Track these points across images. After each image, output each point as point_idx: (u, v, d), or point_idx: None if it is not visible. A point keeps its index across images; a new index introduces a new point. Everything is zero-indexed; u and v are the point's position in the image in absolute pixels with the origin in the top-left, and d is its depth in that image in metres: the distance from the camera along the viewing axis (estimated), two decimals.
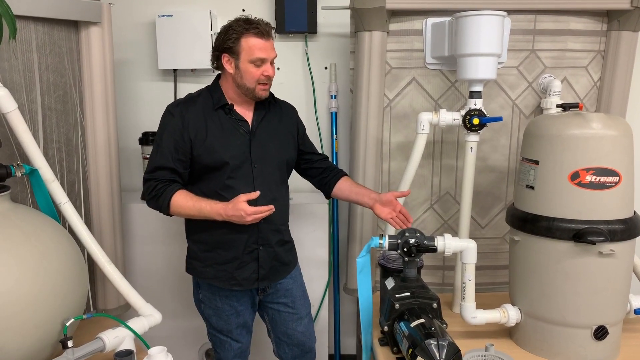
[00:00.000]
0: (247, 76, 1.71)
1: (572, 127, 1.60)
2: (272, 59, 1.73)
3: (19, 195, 1.76)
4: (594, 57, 2.20)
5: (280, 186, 1.85)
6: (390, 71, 2.18)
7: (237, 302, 1.86)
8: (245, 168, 1.75)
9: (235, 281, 1.81)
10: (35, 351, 1.42)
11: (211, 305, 1.88)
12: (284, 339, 1.97)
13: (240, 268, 1.80)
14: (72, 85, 1.97)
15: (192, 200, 1.70)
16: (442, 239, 1.69)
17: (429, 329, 1.51)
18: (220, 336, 1.92)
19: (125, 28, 2.52)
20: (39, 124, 1.82)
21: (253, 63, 1.69)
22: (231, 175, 1.73)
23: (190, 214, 1.71)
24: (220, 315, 1.87)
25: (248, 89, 1.73)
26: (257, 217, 1.64)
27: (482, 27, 1.82)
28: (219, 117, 1.76)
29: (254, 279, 1.82)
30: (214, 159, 1.72)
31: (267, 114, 1.83)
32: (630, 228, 1.60)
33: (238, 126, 1.77)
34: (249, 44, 1.68)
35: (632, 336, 1.82)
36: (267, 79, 1.72)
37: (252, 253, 1.80)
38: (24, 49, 1.75)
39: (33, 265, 1.41)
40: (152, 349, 1.44)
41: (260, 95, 1.75)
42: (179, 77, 2.55)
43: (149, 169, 1.76)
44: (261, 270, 1.82)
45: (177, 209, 1.71)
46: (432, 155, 2.24)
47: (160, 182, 1.72)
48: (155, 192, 1.72)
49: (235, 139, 1.75)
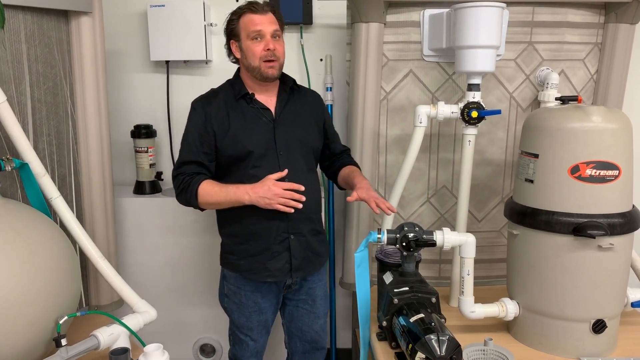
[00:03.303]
0: (249, 54, 1.70)
1: (573, 120, 1.58)
2: (272, 33, 1.69)
3: (9, 189, 1.72)
4: (591, 50, 2.19)
5: (308, 174, 1.81)
6: (387, 63, 2.15)
7: (261, 298, 1.85)
8: (271, 156, 1.74)
9: (268, 272, 1.79)
10: (28, 350, 1.39)
11: (235, 300, 1.86)
12: (297, 334, 1.97)
13: (273, 258, 1.78)
14: (62, 77, 1.92)
15: (219, 186, 1.70)
16: (440, 233, 1.68)
17: (429, 323, 1.50)
18: (240, 334, 1.90)
19: (117, 18, 2.46)
20: (29, 117, 1.78)
21: (252, 39, 1.68)
22: (256, 164, 1.73)
23: (218, 200, 1.70)
24: (243, 312, 1.86)
25: (254, 69, 1.71)
26: (285, 198, 1.62)
27: (481, 19, 1.80)
28: (241, 107, 1.75)
29: (287, 269, 1.80)
30: (238, 148, 1.72)
31: (290, 101, 1.82)
32: (629, 222, 1.60)
33: (261, 114, 1.76)
34: (245, 22, 1.69)
35: (629, 329, 1.82)
36: (270, 53, 1.68)
37: (284, 242, 1.78)
38: (13, 39, 1.70)
39: (24, 261, 1.37)
40: (148, 346, 1.41)
41: (268, 74, 1.71)
42: (171, 69, 2.51)
43: (176, 165, 1.77)
44: (294, 261, 1.80)
45: (205, 198, 1.70)
46: (429, 149, 2.23)
47: (187, 176, 1.73)
48: (183, 185, 1.73)
49: (258, 127, 1.74)
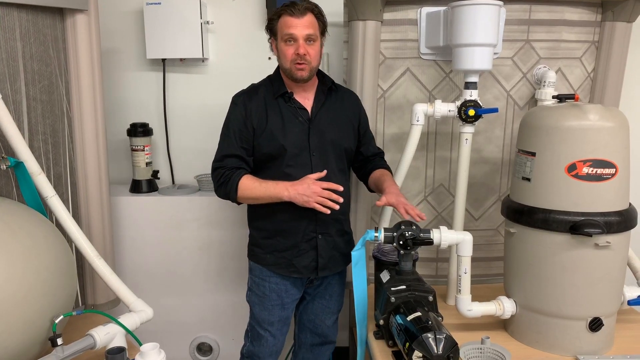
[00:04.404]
0: (282, 55, 1.73)
1: (570, 118, 1.58)
2: (306, 37, 1.70)
3: (4, 188, 1.71)
4: (588, 48, 2.19)
5: (339, 175, 1.84)
6: (384, 61, 2.15)
7: (285, 293, 1.88)
8: (304, 156, 1.77)
9: (294, 268, 1.83)
10: (23, 349, 1.38)
11: (258, 293, 1.89)
12: (309, 326, 2.00)
13: (299, 256, 1.82)
14: (57, 75, 1.91)
15: (258, 181, 1.73)
16: (438, 232, 1.68)
17: (426, 322, 1.50)
18: (259, 329, 1.92)
19: (113, 16, 2.46)
20: (24, 115, 1.77)
21: (285, 41, 1.70)
22: (290, 163, 1.76)
23: (257, 195, 1.72)
24: (265, 305, 1.89)
25: (286, 70, 1.75)
26: (323, 198, 1.64)
27: (479, 17, 1.80)
28: (279, 106, 1.78)
29: (313, 267, 1.84)
30: (273, 146, 1.75)
31: (326, 102, 1.84)
32: (626, 220, 1.60)
33: (297, 114, 1.78)
34: (281, 23, 1.71)
35: (625, 327, 1.83)
36: (300, 57, 1.70)
37: (311, 241, 1.82)
38: (7, 37, 1.68)
39: (20, 260, 1.37)
40: (144, 345, 1.41)
41: (297, 76, 1.73)
42: (167, 67, 2.50)
43: (217, 158, 1.80)
44: (320, 260, 1.84)
45: (245, 192, 1.73)
46: (426, 147, 2.22)
47: (228, 169, 1.76)
48: (223, 178, 1.75)
49: (294, 126, 1.77)
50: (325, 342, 2.03)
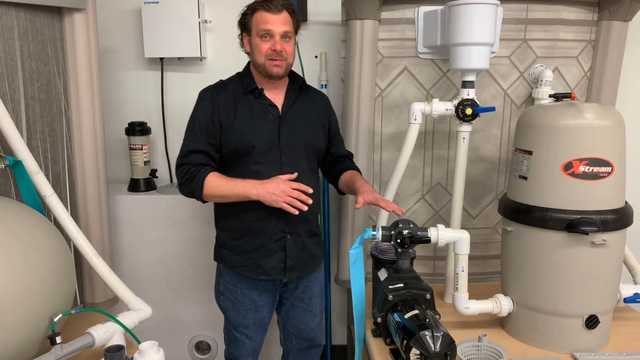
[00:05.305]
0: (256, 51, 1.71)
1: (566, 117, 1.59)
2: (282, 34, 1.68)
3: (2, 187, 1.71)
4: (585, 47, 2.20)
5: (310, 174, 1.81)
6: (381, 60, 2.15)
7: (257, 296, 1.84)
8: (274, 153, 1.74)
9: (261, 270, 1.79)
10: (22, 348, 1.38)
11: (231, 298, 1.86)
12: (294, 332, 1.97)
13: (267, 257, 1.78)
14: (56, 74, 1.91)
15: (225, 179, 1.69)
16: (435, 230, 1.69)
17: (423, 320, 1.51)
18: (235, 333, 1.89)
19: (111, 15, 2.45)
20: (22, 114, 1.77)
21: (260, 37, 1.68)
22: (258, 160, 1.72)
23: (224, 193, 1.68)
24: (239, 309, 1.85)
25: (260, 65, 1.72)
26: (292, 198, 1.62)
27: (476, 16, 1.80)
28: (248, 102, 1.75)
29: (281, 268, 1.80)
30: (242, 142, 1.71)
31: (297, 100, 1.81)
32: (622, 218, 1.61)
33: (267, 111, 1.75)
34: (257, 18, 1.69)
35: (621, 324, 1.84)
36: (276, 53, 1.68)
37: (279, 242, 1.78)
38: (5, 36, 1.68)
39: (18, 259, 1.37)
40: (143, 344, 1.41)
41: (273, 72, 1.71)
42: (165, 66, 2.50)
43: (181, 154, 1.75)
44: (289, 261, 1.80)
45: (211, 189, 1.68)
46: (423, 146, 2.23)
47: (193, 166, 1.71)
48: (188, 175, 1.70)
49: (264, 123, 1.74)
50: (312, 346, 2.00)
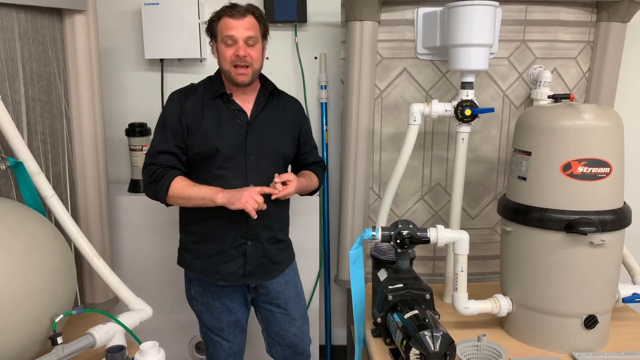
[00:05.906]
0: (221, 57, 1.69)
1: (565, 118, 1.60)
2: (246, 39, 1.65)
3: (3, 188, 1.71)
4: (584, 48, 2.21)
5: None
6: (381, 61, 2.16)
7: (228, 299, 1.83)
8: (239, 159, 1.72)
9: (220, 275, 1.77)
10: (24, 348, 1.39)
11: (203, 302, 1.85)
12: (277, 339, 1.94)
13: (227, 262, 1.76)
14: (56, 75, 1.92)
15: (193, 184, 1.68)
16: (434, 230, 1.69)
17: (423, 320, 1.52)
18: (212, 335, 1.89)
19: (111, 16, 2.46)
20: (23, 115, 1.77)
21: (224, 43, 1.67)
22: (223, 165, 1.71)
23: (191, 195, 1.66)
24: (212, 313, 1.84)
25: (225, 72, 1.71)
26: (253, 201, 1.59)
27: (475, 18, 1.81)
28: (216, 106, 1.74)
29: (240, 274, 1.78)
30: (207, 146, 1.70)
31: (267, 106, 1.79)
32: (620, 218, 1.62)
33: (235, 116, 1.74)
34: (221, 25, 1.67)
35: (620, 324, 1.85)
36: (239, 59, 1.66)
37: (240, 248, 1.76)
38: (6, 37, 1.69)
39: (19, 260, 1.37)
40: (143, 344, 1.42)
41: (238, 81, 1.69)
42: (165, 67, 2.51)
43: (150, 154, 1.73)
44: (247, 267, 1.78)
45: (176, 192, 1.66)
46: (422, 147, 2.24)
47: (161, 167, 1.69)
48: (155, 176, 1.68)
49: (230, 128, 1.72)
50: (297, 353, 1.96)
